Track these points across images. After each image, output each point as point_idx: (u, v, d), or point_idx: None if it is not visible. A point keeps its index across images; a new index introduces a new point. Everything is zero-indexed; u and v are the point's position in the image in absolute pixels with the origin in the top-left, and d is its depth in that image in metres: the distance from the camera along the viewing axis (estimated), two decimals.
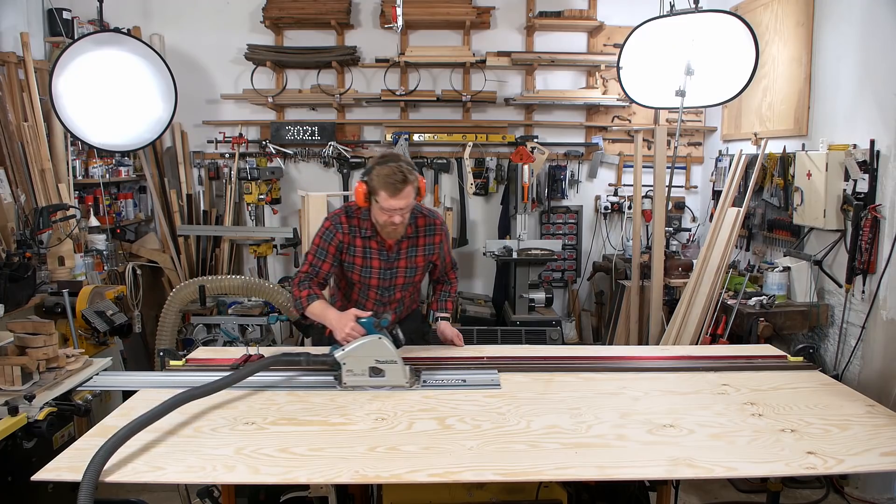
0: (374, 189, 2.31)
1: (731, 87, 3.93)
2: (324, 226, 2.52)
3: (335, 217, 2.51)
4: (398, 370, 2.19)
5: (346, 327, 2.26)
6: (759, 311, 3.55)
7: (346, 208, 2.52)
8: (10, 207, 3.59)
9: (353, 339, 2.23)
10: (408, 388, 2.18)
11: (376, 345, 2.19)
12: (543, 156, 4.75)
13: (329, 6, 4.73)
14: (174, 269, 4.78)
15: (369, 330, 2.24)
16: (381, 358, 2.18)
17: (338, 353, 2.20)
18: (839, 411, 2.02)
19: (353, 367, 2.18)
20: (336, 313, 2.35)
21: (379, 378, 2.19)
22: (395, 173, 2.27)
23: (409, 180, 2.30)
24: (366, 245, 2.51)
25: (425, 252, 2.60)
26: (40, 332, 2.39)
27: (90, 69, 3.95)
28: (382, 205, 2.31)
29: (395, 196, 2.29)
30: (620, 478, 1.68)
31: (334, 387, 2.20)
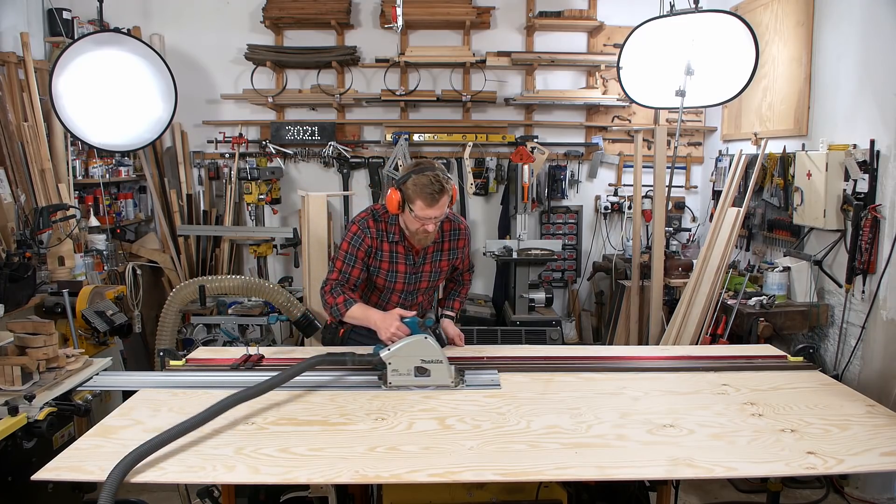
0: (410, 198, 2.30)
1: (731, 87, 3.93)
2: (351, 230, 2.49)
3: (362, 221, 2.49)
4: (443, 370, 2.19)
5: (391, 327, 2.26)
6: (759, 311, 3.55)
7: (372, 212, 2.51)
8: (10, 207, 3.59)
9: (397, 339, 2.23)
10: (453, 387, 2.18)
11: (422, 344, 2.18)
12: (543, 156, 4.75)
13: (329, 6, 4.73)
14: (174, 269, 4.78)
15: (414, 330, 2.25)
16: (427, 357, 2.18)
17: (383, 353, 2.19)
18: (839, 411, 2.02)
19: (399, 367, 2.18)
20: (380, 314, 2.34)
21: (424, 378, 2.18)
22: (432, 183, 2.27)
23: (445, 190, 2.30)
24: (393, 249, 2.50)
25: (450, 257, 2.61)
26: (40, 332, 2.39)
27: (90, 69, 3.95)
28: (418, 213, 2.30)
29: (432, 206, 2.28)
30: (620, 478, 1.68)
31: (379, 387, 2.20)
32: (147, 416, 1.95)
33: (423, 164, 2.36)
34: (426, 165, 2.33)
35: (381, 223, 2.49)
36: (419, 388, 2.17)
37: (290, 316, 3.55)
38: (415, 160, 2.40)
